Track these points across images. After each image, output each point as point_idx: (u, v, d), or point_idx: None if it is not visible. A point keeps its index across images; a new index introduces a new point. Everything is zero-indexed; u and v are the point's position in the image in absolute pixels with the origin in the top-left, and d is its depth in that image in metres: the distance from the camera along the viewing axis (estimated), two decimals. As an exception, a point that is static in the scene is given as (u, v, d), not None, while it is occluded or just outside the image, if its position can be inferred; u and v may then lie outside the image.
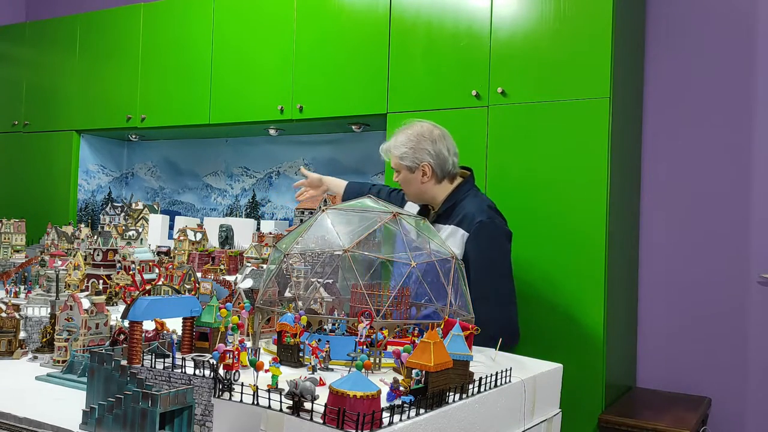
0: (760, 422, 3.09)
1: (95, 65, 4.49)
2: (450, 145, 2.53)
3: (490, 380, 1.50)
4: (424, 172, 2.49)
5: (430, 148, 2.49)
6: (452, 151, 2.53)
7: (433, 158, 2.48)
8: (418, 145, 2.49)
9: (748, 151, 3.15)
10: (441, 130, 2.55)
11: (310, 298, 2.07)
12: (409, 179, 2.53)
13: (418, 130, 2.52)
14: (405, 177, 2.54)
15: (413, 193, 2.56)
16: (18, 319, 1.79)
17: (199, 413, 1.24)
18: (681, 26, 3.31)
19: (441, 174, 2.51)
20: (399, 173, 2.56)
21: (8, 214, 3.91)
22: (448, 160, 2.51)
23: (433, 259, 1.90)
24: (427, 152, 2.48)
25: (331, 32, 3.58)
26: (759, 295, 3.11)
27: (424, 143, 2.49)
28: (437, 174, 2.50)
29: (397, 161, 2.53)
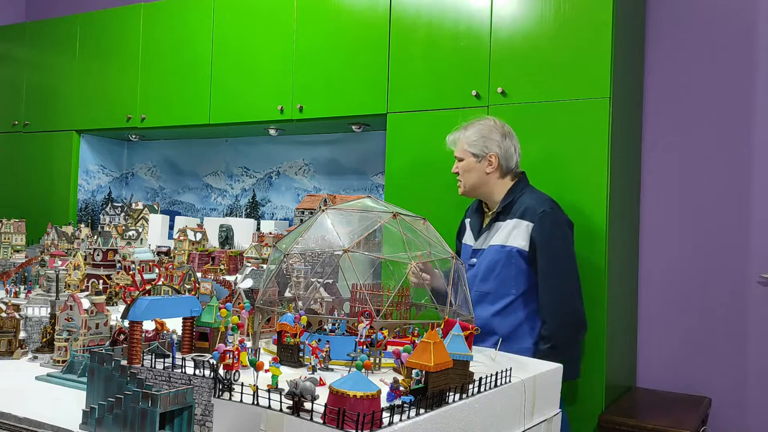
0: (760, 422, 3.09)
1: (95, 65, 4.49)
2: (516, 144, 2.59)
3: (490, 380, 1.50)
4: (490, 162, 2.53)
5: (500, 140, 2.54)
6: (518, 150, 2.59)
7: (501, 150, 2.53)
8: (489, 135, 2.54)
9: (748, 151, 3.15)
10: (510, 129, 2.60)
11: (310, 298, 2.07)
12: (473, 167, 2.55)
13: (490, 123, 2.58)
14: (468, 164, 2.55)
15: (472, 182, 2.57)
16: (18, 319, 1.79)
17: (199, 413, 1.24)
18: (681, 26, 3.31)
19: (505, 169, 2.55)
20: (462, 160, 2.57)
21: (8, 214, 3.91)
22: (513, 158, 2.57)
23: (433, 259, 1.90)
24: (496, 143, 2.53)
25: (331, 32, 3.58)
26: (759, 295, 3.11)
27: (494, 135, 2.54)
28: (502, 168, 2.54)
29: (465, 147, 2.56)
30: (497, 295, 2.44)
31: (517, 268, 2.43)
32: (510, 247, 2.43)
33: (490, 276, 2.45)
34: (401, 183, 3.30)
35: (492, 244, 2.48)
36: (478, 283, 2.49)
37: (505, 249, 2.44)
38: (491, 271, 2.45)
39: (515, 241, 2.43)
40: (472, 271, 2.52)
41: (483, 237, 2.54)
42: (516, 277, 2.43)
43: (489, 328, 2.42)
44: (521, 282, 2.43)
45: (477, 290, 2.48)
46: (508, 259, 2.43)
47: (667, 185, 3.31)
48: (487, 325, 2.42)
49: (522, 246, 2.42)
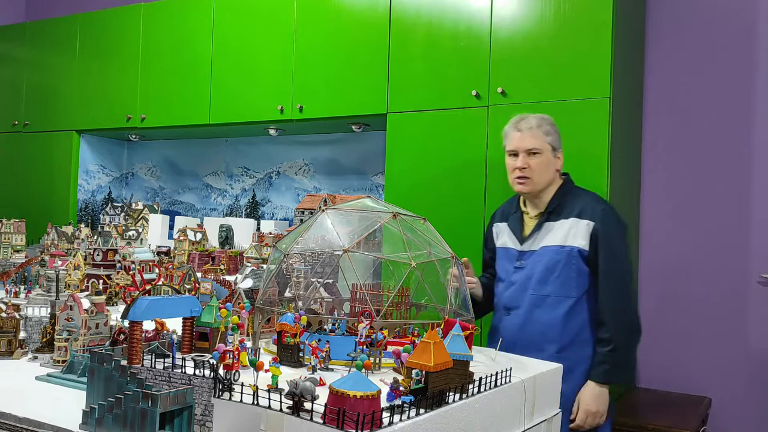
0: (760, 422, 3.09)
1: (95, 65, 4.49)
2: None
3: (490, 380, 1.50)
4: (559, 158, 2.43)
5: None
6: None
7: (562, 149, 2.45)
8: (557, 130, 2.43)
9: (748, 151, 3.15)
10: None
11: (310, 298, 2.07)
12: (550, 163, 2.40)
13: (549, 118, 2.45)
14: (547, 159, 2.39)
15: (545, 180, 2.40)
16: (18, 319, 1.79)
17: (199, 413, 1.24)
18: (681, 26, 3.31)
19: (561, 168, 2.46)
20: (540, 154, 2.38)
21: (8, 214, 3.91)
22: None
23: (433, 259, 1.90)
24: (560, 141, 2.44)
25: (331, 32, 3.58)
26: (759, 295, 3.11)
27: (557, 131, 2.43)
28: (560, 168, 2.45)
29: (544, 140, 2.39)
30: (558, 298, 2.32)
31: (577, 269, 2.31)
32: (570, 246, 2.31)
33: (549, 278, 2.32)
34: (401, 183, 3.30)
35: (546, 245, 2.35)
36: (535, 285, 2.35)
37: (564, 249, 2.31)
38: (550, 272, 2.32)
39: (575, 241, 2.31)
40: (522, 274, 2.39)
41: (532, 239, 2.39)
42: (577, 278, 2.31)
43: (551, 334, 2.31)
44: (582, 283, 2.31)
45: (534, 293, 2.35)
46: (568, 260, 2.31)
47: (667, 185, 3.31)
48: (548, 330, 2.31)
49: (582, 245, 2.30)
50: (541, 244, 2.37)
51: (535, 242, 2.39)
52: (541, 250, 2.36)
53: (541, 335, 2.31)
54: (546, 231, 2.38)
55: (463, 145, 3.13)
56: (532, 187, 2.41)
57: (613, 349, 2.23)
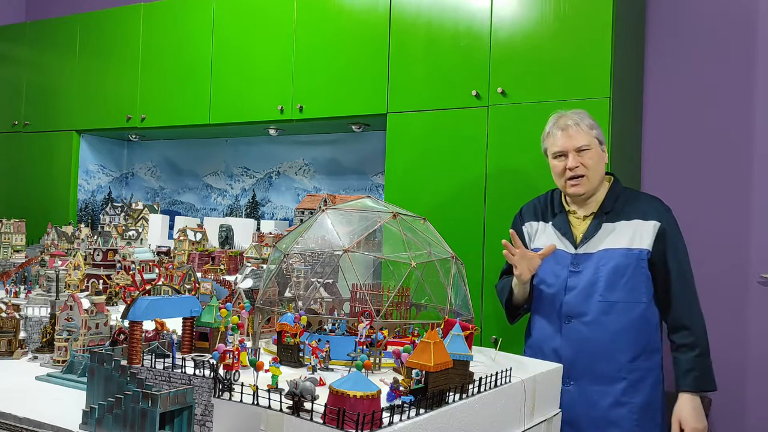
0: (760, 422, 3.09)
1: (95, 65, 4.49)
2: None
3: (490, 380, 1.50)
4: (605, 152, 2.29)
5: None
6: None
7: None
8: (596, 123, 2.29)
9: (748, 151, 3.15)
10: None
11: (310, 298, 2.07)
12: (601, 158, 2.25)
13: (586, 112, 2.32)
14: (598, 155, 2.24)
15: (600, 176, 2.26)
16: (18, 319, 1.79)
17: (199, 413, 1.24)
18: (681, 26, 3.31)
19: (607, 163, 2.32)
20: (589, 149, 2.23)
21: (8, 214, 3.91)
22: None
23: (433, 259, 1.90)
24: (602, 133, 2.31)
25: (331, 32, 3.58)
26: (759, 295, 3.11)
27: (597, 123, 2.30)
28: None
29: (591, 134, 2.25)
30: (628, 303, 2.17)
31: (645, 273, 2.18)
32: (638, 249, 2.17)
33: (619, 282, 2.17)
34: (401, 183, 3.30)
35: (609, 247, 2.20)
36: (603, 291, 2.18)
37: (633, 252, 2.17)
38: (620, 277, 2.17)
39: (642, 243, 2.18)
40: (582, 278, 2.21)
41: (588, 241, 2.23)
42: (645, 282, 2.18)
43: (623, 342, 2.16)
44: (650, 287, 2.19)
45: (603, 299, 2.18)
46: (638, 263, 2.17)
47: (667, 185, 3.31)
48: (620, 339, 2.16)
49: (648, 245, 2.18)
50: (600, 247, 2.21)
51: (592, 244, 2.23)
52: (602, 253, 2.20)
53: (612, 344, 2.15)
54: (606, 233, 2.23)
55: (463, 145, 3.13)
56: (589, 187, 2.25)
57: (699, 354, 2.14)
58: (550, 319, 2.26)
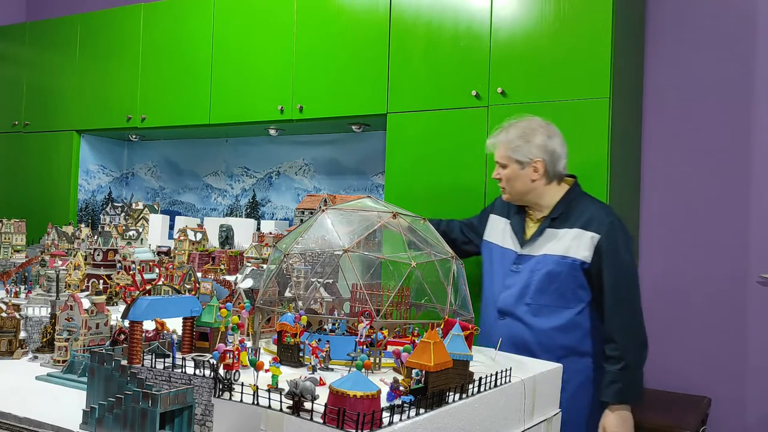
0: (760, 422, 3.09)
1: (95, 65, 4.49)
2: (562, 144, 2.40)
3: (490, 380, 1.50)
4: (536, 168, 2.34)
5: (544, 143, 2.34)
6: (564, 151, 2.40)
7: (546, 155, 2.34)
8: (532, 139, 2.35)
9: (748, 151, 3.15)
10: (555, 128, 2.41)
11: (310, 298, 2.07)
12: (518, 175, 2.36)
13: (532, 125, 2.39)
14: (513, 173, 2.37)
15: (518, 191, 2.38)
16: (18, 319, 1.79)
17: (199, 413, 1.24)
18: (681, 26, 3.31)
19: (552, 174, 2.36)
20: (504, 168, 2.39)
21: (8, 214, 3.91)
22: (561, 160, 2.38)
23: (433, 259, 1.90)
24: (540, 148, 2.34)
25: (331, 32, 3.58)
26: (759, 295, 3.11)
27: (537, 138, 2.35)
28: (548, 173, 2.35)
29: (506, 153, 2.37)
30: (555, 308, 2.28)
31: (577, 281, 2.26)
32: (572, 258, 2.25)
33: (549, 288, 2.27)
34: (401, 183, 3.30)
35: (548, 253, 2.29)
36: (534, 294, 2.30)
37: (566, 261, 2.26)
38: (550, 282, 2.27)
39: (578, 253, 2.25)
40: (519, 279, 2.33)
41: (532, 243, 2.34)
42: (576, 290, 2.27)
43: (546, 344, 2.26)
44: (581, 296, 2.27)
45: (533, 302, 2.30)
46: (570, 272, 2.25)
47: (667, 185, 3.31)
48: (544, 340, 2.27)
49: (585, 258, 2.24)
50: (541, 251, 2.31)
51: (535, 247, 2.34)
52: (541, 257, 2.30)
53: (539, 344, 2.26)
54: (548, 238, 2.32)
55: (463, 145, 3.13)
56: (509, 197, 2.44)
57: (624, 368, 2.17)
58: (490, 311, 2.42)
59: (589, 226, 2.26)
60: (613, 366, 2.19)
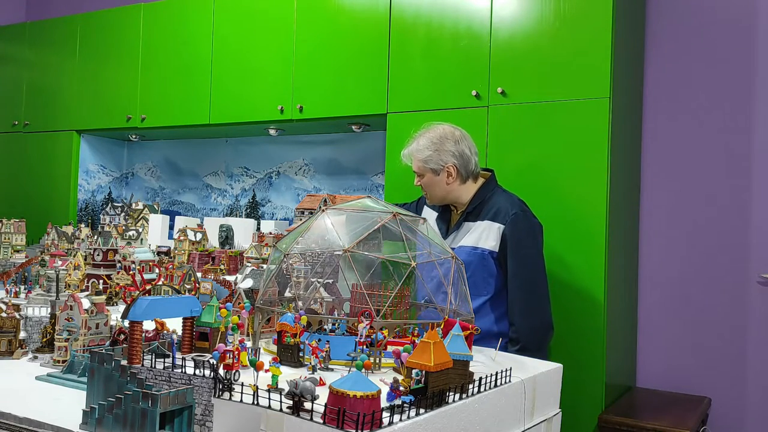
0: (760, 422, 3.09)
1: (95, 65, 4.49)
2: (471, 145, 2.56)
3: (490, 380, 1.50)
4: (449, 173, 2.51)
5: (453, 149, 2.51)
6: (473, 151, 2.56)
7: (456, 159, 2.51)
8: (442, 146, 2.51)
9: (748, 151, 3.15)
10: (461, 131, 2.57)
11: (310, 298, 2.07)
12: (434, 182, 2.54)
13: (440, 133, 2.54)
14: (430, 180, 2.54)
15: (438, 195, 2.57)
16: (18, 319, 1.79)
17: (199, 413, 1.24)
18: (681, 26, 3.31)
19: (465, 174, 2.53)
20: (422, 177, 2.56)
21: (8, 214, 3.91)
22: (471, 160, 2.54)
23: (433, 259, 1.90)
24: (450, 153, 2.50)
25: (331, 32, 3.58)
26: (759, 295, 3.11)
27: (447, 144, 2.51)
28: (462, 174, 2.52)
29: (421, 165, 2.54)
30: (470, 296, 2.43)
31: (488, 270, 2.43)
32: (482, 249, 2.43)
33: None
34: (401, 183, 3.30)
35: (462, 245, 2.47)
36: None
37: (476, 251, 2.44)
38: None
39: (486, 243, 2.43)
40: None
41: (452, 236, 2.53)
42: (487, 279, 2.43)
43: None
44: (492, 284, 2.44)
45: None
46: (480, 261, 2.42)
47: (667, 185, 3.31)
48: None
49: (493, 247, 2.42)
50: (459, 243, 2.49)
51: (454, 241, 2.52)
52: (458, 250, 2.46)
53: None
54: (464, 231, 2.50)
55: (463, 145, 3.12)
56: (431, 201, 2.62)
57: (520, 349, 2.33)
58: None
59: (496, 218, 2.44)
60: (513, 347, 2.36)
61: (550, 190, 2.93)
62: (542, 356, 2.36)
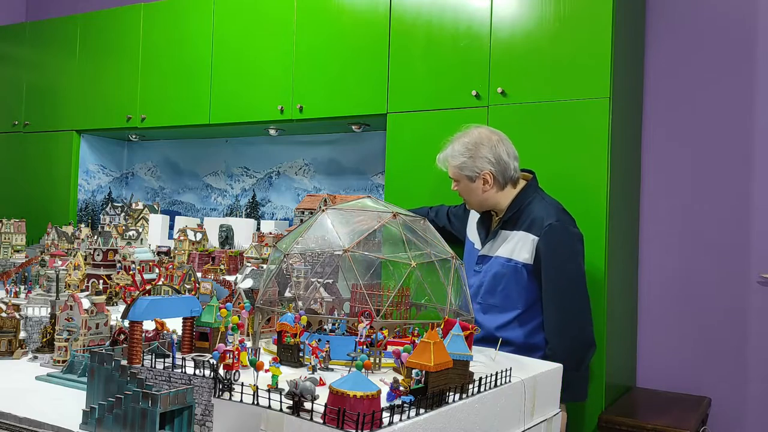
0: (760, 422, 3.09)
1: (95, 65, 4.49)
2: (509, 149, 2.46)
3: (490, 380, 1.50)
4: (486, 180, 2.43)
5: (490, 155, 2.41)
6: (512, 155, 2.46)
7: (493, 165, 2.41)
8: (477, 153, 2.42)
9: (749, 151, 3.15)
10: (498, 135, 2.48)
11: (310, 298, 2.07)
12: (470, 189, 2.46)
13: (475, 137, 2.45)
14: (466, 187, 2.47)
15: (476, 202, 2.49)
16: (18, 319, 1.79)
17: (199, 413, 1.24)
18: (681, 26, 3.31)
19: (503, 180, 2.44)
20: (458, 183, 2.49)
21: (8, 214, 3.91)
22: (510, 165, 2.44)
23: (433, 259, 1.90)
24: (486, 160, 2.41)
25: (331, 32, 3.58)
26: (759, 295, 3.11)
27: (483, 150, 2.42)
28: (499, 181, 2.43)
29: (457, 171, 2.46)
30: (502, 308, 2.39)
31: (522, 283, 2.36)
32: (515, 261, 2.36)
33: (496, 289, 2.39)
34: (401, 183, 3.30)
35: (497, 255, 2.41)
36: (484, 294, 2.43)
37: (510, 263, 2.37)
38: (497, 284, 2.39)
39: (520, 255, 2.36)
40: (477, 279, 2.47)
41: (489, 244, 2.47)
42: (521, 292, 2.37)
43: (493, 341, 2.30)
44: (526, 297, 2.37)
45: (483, 302, 2.43)
46: (513, 274, 2.36)
47: (667, 185, 3.31)
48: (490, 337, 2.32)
49: (527, 260, 2.35)
50: (495, 253, 2.43)
51: (491, 248, 2.46)
52: (494, 260, 2.43)
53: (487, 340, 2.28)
54: (501, 240, 2.43)
55: (463, 145, 3.13)
56: (470, 206, 2.57)
57: None
58: None
59: (531, 229, 2.36)
60: None
61: (549, 191, 2.91)
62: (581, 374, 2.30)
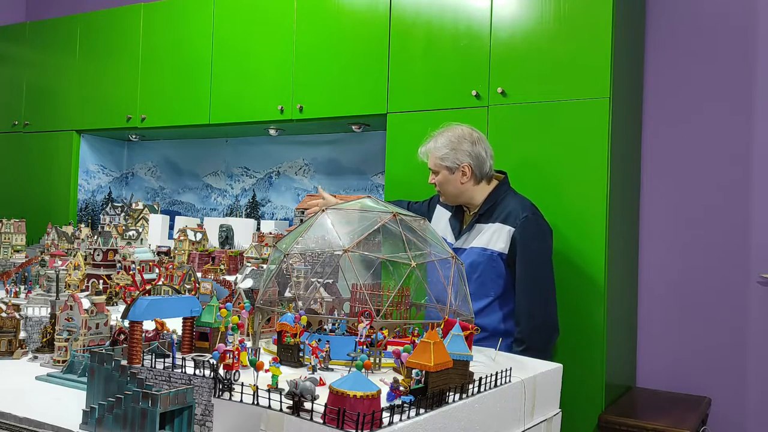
0: (760, 422, 3.09)
1: (95, 65, 4.49)
2: (487, 148, 2.61)
3: (490, 380, 1.50)
4: (464, 172, 2.56)
5: (470, 149, 2.56)
6: (489, 154, 2.61)
7: (472, 159, 2.56)
8: (459, 146, 2.56)
9: (748, 151, 3.15)
10: (479, 133, 2.63)
11: (310, 298, 2.07)
12: (449, 180, 2.59)
13: (458, 133, 2.59)
14: (444, 177, 2.60)
15: (452, 193, 2.61)
16: (18, 319, 1.79)
17: (199, 413, 1.24)
18: (681, 26, 3.31)
19: (479, 175, 2.58)
20: (437, 174, 2.61)
21: (8, 214, 3.91)
22: (486, 162, 2.59)
23: (433, 259, 1.90)
24: (467, 153, 2.56)
25: (331, 32, 3.58)
26: (759, 295, 3.11)
27: (464, 145, 2.56)
28: (476, 175, 2.57)
29: (437, 162, 2.59)
30: (477, 295, 2.46)
31: (497, 271, 2.48)
32: (491, 250, 2.49)
33: (471, 277, 2.48)
34: (401, 183, 3.30)
35: (473, 246, 2.53)
36: None
37: (486, 252, 2.49)
38: (472, 272, 2.49)
39: (496, 245, 2.48)
40: None
41: (464, 237, 2.58)
42: (495, 279, 2.49)
43: None
44: (500, 284, 2.49)
45: None
46: (489, 262, 2.48)
47: (667, 185, 3.31)
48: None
49: (502, 249, 2.47)
50: (470, 244, 2.55)
51: (466, 241, 2.57)
52: (469, 250, 2.53)
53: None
54: (476, 232, 2.55)
55: (463, 145, 3.12)
56: (444, 198, 2.67)
57: (525, 349, 2.36)
58: None
59: (507, 221, 2.49)
60: (517, 348, 2.41)
61: (549, 190, 2.92)
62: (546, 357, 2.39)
